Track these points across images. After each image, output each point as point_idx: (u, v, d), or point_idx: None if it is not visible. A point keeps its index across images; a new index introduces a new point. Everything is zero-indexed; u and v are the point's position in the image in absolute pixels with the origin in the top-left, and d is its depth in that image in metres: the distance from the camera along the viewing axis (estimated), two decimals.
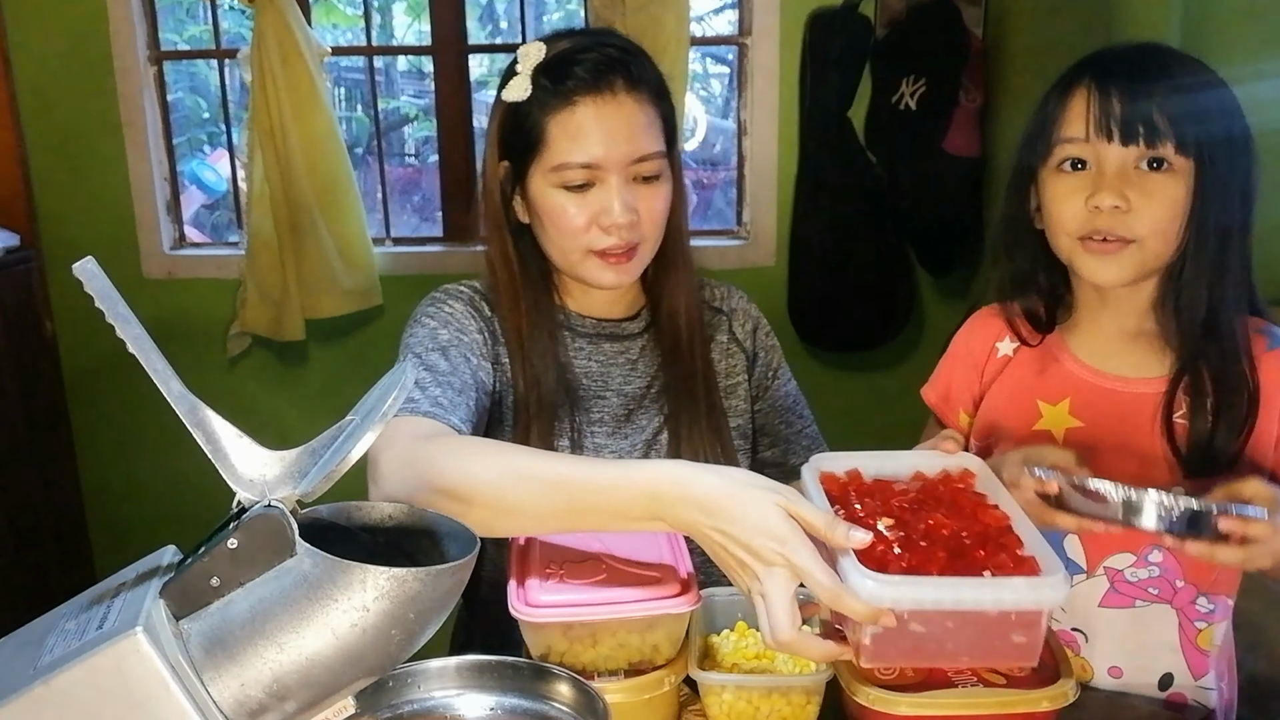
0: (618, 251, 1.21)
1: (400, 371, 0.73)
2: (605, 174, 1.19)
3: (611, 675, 0.98)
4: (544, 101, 1.19)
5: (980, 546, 0.91)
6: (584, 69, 1.18)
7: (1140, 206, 1.05)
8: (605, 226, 1.19)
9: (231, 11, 3.17)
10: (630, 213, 1.19)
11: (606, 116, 1.18)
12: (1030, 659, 0.90)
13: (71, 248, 2.67)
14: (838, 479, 1.01)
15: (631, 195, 1.20)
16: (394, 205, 3.25)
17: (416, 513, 0.77)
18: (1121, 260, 1.08)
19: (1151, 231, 1.06)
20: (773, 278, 2.75)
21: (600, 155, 1.18)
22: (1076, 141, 1.08)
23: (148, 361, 0.66)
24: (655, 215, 1.23)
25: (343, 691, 0.69)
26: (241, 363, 2.84)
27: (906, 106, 2.56)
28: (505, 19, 4.26)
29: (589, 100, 1.18)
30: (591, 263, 1.22)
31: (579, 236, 1.21)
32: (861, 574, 0.86)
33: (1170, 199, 1.05)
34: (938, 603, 0.87)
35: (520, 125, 1.21)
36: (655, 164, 1.21)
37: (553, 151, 1.19)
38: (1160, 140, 1.04)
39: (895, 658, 0.91)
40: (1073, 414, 1.15)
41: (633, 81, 1.20)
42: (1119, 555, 1.13)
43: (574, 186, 1.19)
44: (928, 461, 1.04)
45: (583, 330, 1.31)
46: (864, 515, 0.95)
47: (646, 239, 1.23)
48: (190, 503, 1.87)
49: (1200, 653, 1.14)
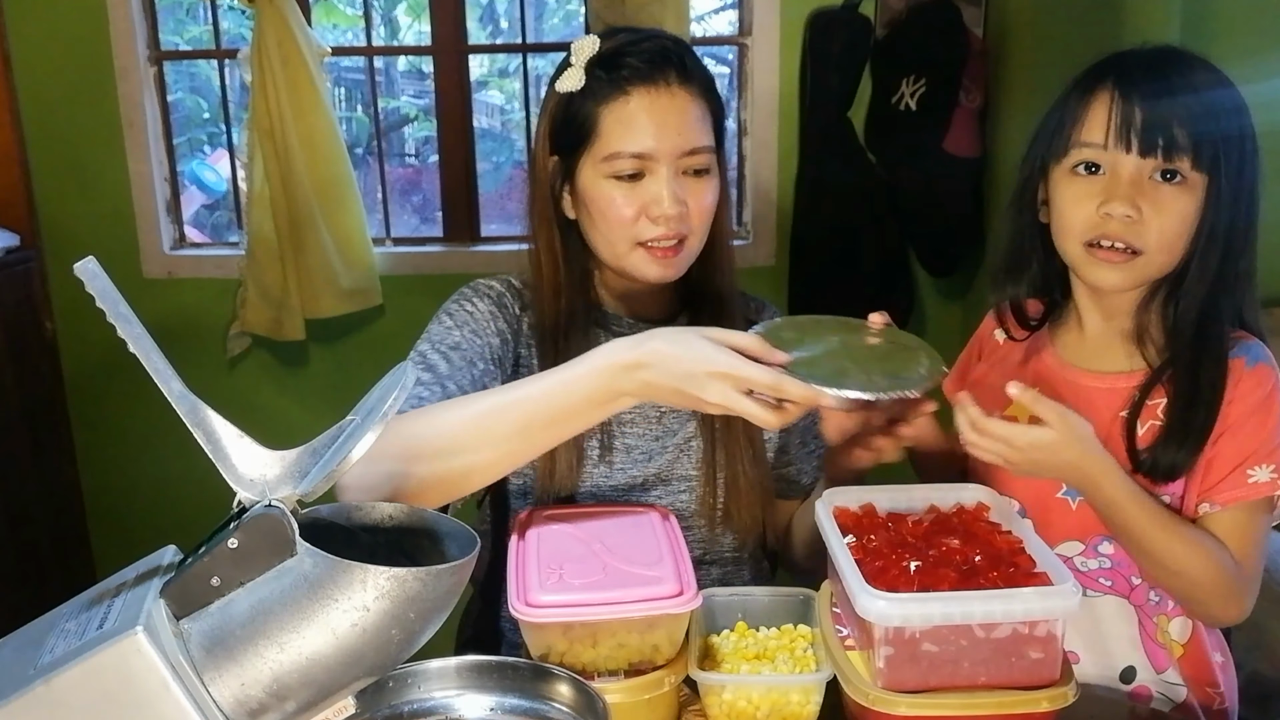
0: (666, 244, 1.21)
1: (401, 371, 0.73)
2: (656, 164, 1.19)
3: (611, 675, 0.98)
4: (597, 92, 1.20)
5: (993, 568, 0.93)
6: (638, 59, 1.19)
7: (1151, 218, 1.06)
8: (654, 217, 1.19)
9: (231, 11, 3.17)
10: (679, 204, 1.19)
11: (660, 107, 1.18)
12: (1050, 675, 0.90)
13: (71, 248, 2.67)
14: (852, 513, 1.04)
15: (681, 188, 1.20)
16: (394, 205, 3.25)
17: (416, 513, 0.77)
18: (1125, 270, 1.09)
19: (1159, 244, 1.07)
20: (773, 278, 2.75)
21: (652, 145, 1.18)
22: (1094, 146, 1.08)
23: (148, 361, 0.66)
24: (703, 209, 1.23)
25: (343, 691, 0.69)
26: (241, 363, 2.84)
27: (906, 106, 2.55)
28: (505, 19, 4.26)
29: (642, 90, 1.18)
30: (638, 255, 1.22)
31: (628, 227, 1.20)
32: (872, 594, 0.88)
33: (1180, 212, 1.06)
34: (947, 617, 0.88)
35: (573, 116, 1.22)
36: (705, 158, 1.22)
37: (605, 141, 1.20)
38: (1178, 154, 1.05)
39: (912, 680, 0.91)
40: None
41: (686, 74, 1.20)
42: (1067, 543, 1.14)
43: (624, 176, 1.19)
44: (941, 495, 1.08)
45: (619, 330, 1.30)
46: (878, 546, 0.97)
47: (694, 232, 1.23)
48: (190, 503, 1.87)
49: (1160, 647, 1.15)
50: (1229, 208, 1.07)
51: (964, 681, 0.91)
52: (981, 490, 1.09)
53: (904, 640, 0.90)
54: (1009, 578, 0.92)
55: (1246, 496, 1.07)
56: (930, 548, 0.97)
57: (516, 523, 1.12)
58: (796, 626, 1.07)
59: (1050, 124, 1.13)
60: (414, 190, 4.18)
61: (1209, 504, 1.09)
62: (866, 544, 1.00)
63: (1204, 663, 1.16)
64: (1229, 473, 1.08)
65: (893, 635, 0.90)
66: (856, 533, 1.02)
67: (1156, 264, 1.09)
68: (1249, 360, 1.09)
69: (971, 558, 0.95)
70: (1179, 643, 1.16)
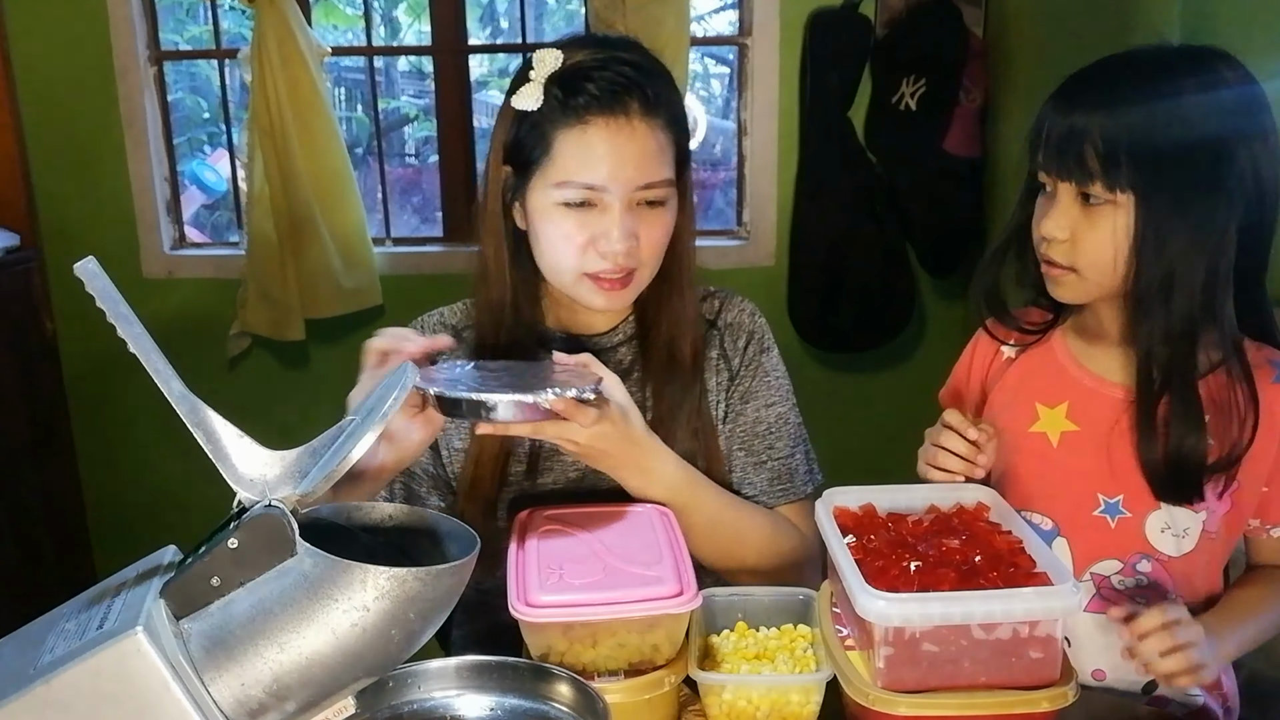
0: (613, 276, 1.18)
1: (401, 372, 0.74)
2: (608, 197, 1.15)
3: (611, 675, 0.98)
4: (554, 114, 1.15)
5: (993, 568, 0.93)
6: (599, 86, 1.14)
7: (1080, 238, 1.06)
8: (602, 251, 1.16)
9: (231, 11, 3.17)
10: (630, 239, 1.16)
11: (618, 140, 1.14)
12: (1050, 675, 0.90)
13: (71, 248, 2.67)
14: (852, 513, 1.04)
15: (633, 221, 1.16)
16: (394, 205, 3.25)
17: (416, 513, 0.78)
18: (1068, 285, 1.10)
19: (1089, 263, 1.07)
20: (773, 278, 2.75)
21: (606, 179, 1.14)
22: (1040, 170, 1.09)
23: (148, 361, 0.66)
24: (655, 242, 1.20)
25: (343, 691, 0.69)
26: (241, 363, 2.84)
27: (906, 106, 2.56)
28: (505, 19, 4.26)
29: (601, 121, 1.14)
30: (585, 284, 1.19)
31: (575, 257, 1.17)
32: (871, 594, 0.88)
33: (1108, 232, 1.05)
34: (947, 617, 0.88)
35: (528, 135, 1.18)
36: (661, 191, 1.18)
37: (558, 167, 1.16)
38: (1090, 179, 1.04)
39: (911, 680, 0.91)
40: (1069, 417, 1.15)
41: (648, 106, 1.16)
42: (1105, 562, 1.13)
43: (575, 204, 1.16)
44: (942, 495, 1.08)
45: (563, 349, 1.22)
46: (879, 546, 0.97)
47: (644, 264, 1.20)
48: (190, 503, 1.87)
49: None
50: (1169, 224, 1.02)
51: (964, 681, 0.91)
52: (982, 490, 1.09)
53: (904, 640, 0.90)
54: (1009, 578, 0.92)
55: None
56: (930, 548, 0.98)
57: (516, 523, 1.12)
58: (796, 626, 1.07)
59: (1030, 137, 1.12)
60: (414, 190, 4.18)
61: (1276, 527, 1.12)
62: (867, 544, 1.00)
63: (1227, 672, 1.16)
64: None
65: (892, 635, 0.90)
66: (856, 533, 1.02)
67: (1094, 283, 1.08)
68: (1276, 375, 1.09)
69: (971, 558, 0.95)
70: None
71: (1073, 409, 1.15)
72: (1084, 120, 1.04)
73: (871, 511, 1.06)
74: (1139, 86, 1.05)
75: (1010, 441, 1.16)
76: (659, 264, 1.22)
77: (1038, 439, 1.16)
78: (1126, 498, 1.11)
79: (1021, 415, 1.18)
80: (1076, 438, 1.14)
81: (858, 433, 2.66)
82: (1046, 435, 1.16)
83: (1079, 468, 1.13)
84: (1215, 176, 1.03)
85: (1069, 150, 1.04)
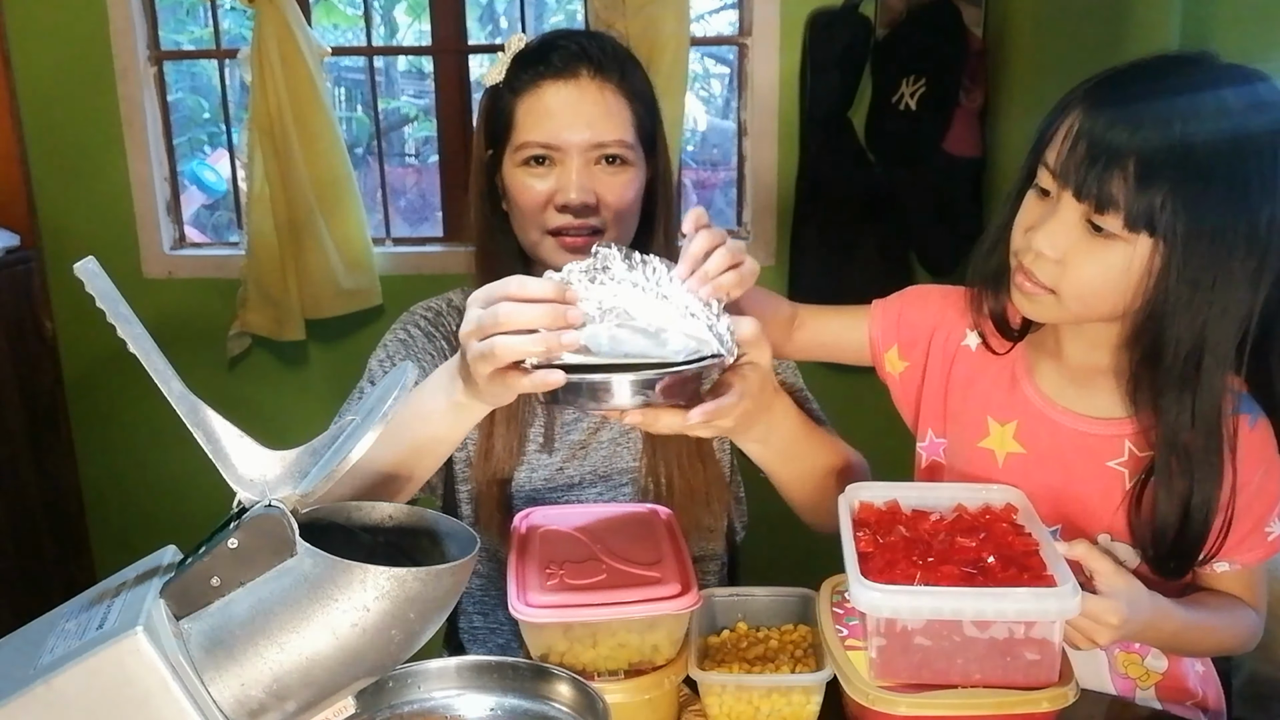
0: (575, 235, 1.21)
1: (401, 371, 0.73)
2: (565, 155, 1.20)
3: (611, 675, 0.98)
4: (514, 85, 1.22)
5: (1004, 570, 0.92)
6: (556, 56, 1.21)
7: (1072, 261, 0.96)
8: (559, 205, 1.20)
9: (231, 11, 3.17)
10: (586, 193, 1.20)
11: (569, 99, 1.20)
12: (1047, 677, 0.90)
13: (71, 248, 2.67)
14: (876, 508, 1.03)
15: (590, 177, 1.20)
16: (394, 205, 3.25)
17: (416, 513, 0.78)
18: (1040, 304, 1.00)
19: (1073, 292, 0.97)
20: (773, 278, 2.75)
21: (560, 135, 1.19)
22: (1049, 171, 0.97)
23: (148, 361, 0.66)
24: (620, 201, 1.22)
25: (343, 691, 0.69)
26: (241, 363, 2.84)
27: (906, 107, 2.56)
28: (505, 19, 4.26)
29: (553, 83, 1.20)
30: (549, 243, 1.22)
31: (537, 214, 1.22)
32: (864, 585, 0.88)
33: (1105, 266, 0.95)
34: (937, 611, 0.88)
35: (496, 110, 1.24)
36: (618, 150, 1.21)
37: (518, 132, 1.22)
38: (1107, 208, 0.92)
39: (905, 673, 0.92)
40: (1017, 438, 1.12)
41: (598, 69, 1.21)
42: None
43: (534, 162, 1.21)
44: (970, 494, 1.06)
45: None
46: (894, 541, 0.97)
47: (610, 225, 1.22)
48: (190, 503, 1.87)
49: (1126, 680, 1.14)
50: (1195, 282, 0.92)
51: (959, 679, 0.91)
52: (1011, 491, 1.05)
53: (896, 633, 0.90)
54: (1015, 579, 0.91)
55: (1269, 554, 1.07)
56: (943, 546, 0.97)
57: (517, 523, 1.12)
58: (796, 626, 1.08)
59: (1041, 128, 1.01)
60: (414, 190, 4.18)
61: (1228, 563, 1.07)
62: (881, 539, 0.99)
63: (1181, 687, 1.15)
64: (1248, 533, 1.06)
65: (884, 627, 0.90)
66: (875, 528, 1.01)
67: (1073, 310, 0.99)
68: (1251, 420, 1.04)
69: (984, 558, 0.94)
70: (1156, 672, 1.14)
71: (1021, 429, 1.11)
72: (1123, 140, 0.91)
73: (895, 508, 1.04)
74: (1197, 122, 0.90)
75: (961, 453, 1.16)
76: (629, 227, 1.25)
77: (985, 456, 1.13)
78: (1065, 529, 1.09)
79: (974, 425, 1.14)
80: (1022, 461, 1.11)
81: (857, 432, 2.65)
82: (994, 454, 1.13)
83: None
84: (1255, 237, 0.91)
85: (1093, 167, 0.91)
